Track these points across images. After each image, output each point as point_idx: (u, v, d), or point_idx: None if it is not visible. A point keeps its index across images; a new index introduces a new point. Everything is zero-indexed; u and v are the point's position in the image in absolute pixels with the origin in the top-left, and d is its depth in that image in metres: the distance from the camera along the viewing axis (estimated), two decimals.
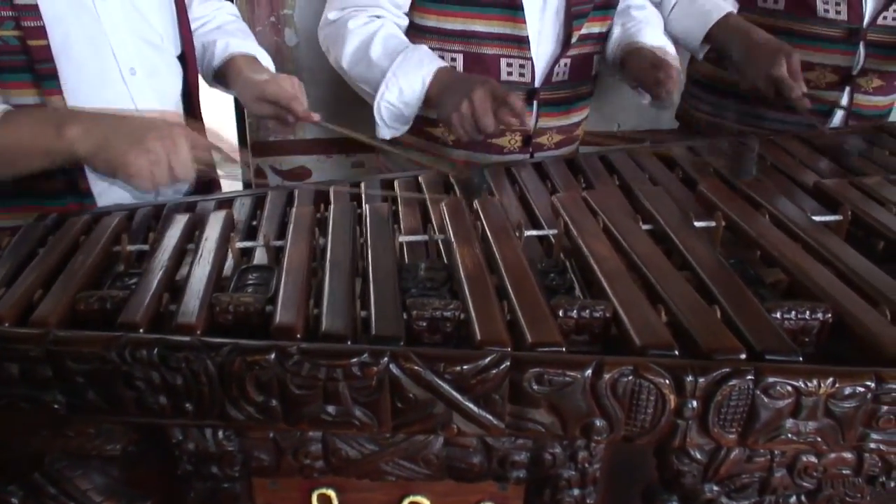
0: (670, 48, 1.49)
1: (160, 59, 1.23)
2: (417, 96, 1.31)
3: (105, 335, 0.69)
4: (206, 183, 1.23)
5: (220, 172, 1.18)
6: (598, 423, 0.65)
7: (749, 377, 0.62)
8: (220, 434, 0.74)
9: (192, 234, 0.90)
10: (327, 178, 2.03)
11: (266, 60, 1.36)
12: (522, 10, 1.35)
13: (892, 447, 0.67)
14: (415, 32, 1.42)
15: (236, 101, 2.10)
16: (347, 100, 1.94)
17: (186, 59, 1.28)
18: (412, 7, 1.41)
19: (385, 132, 1.39)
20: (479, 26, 1.37)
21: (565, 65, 1.44)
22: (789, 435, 0.65)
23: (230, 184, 1.50)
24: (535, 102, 1.44)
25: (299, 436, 0.73)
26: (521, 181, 1.11)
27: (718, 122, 1.69)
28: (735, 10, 1.55)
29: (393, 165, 1.58)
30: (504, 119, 1.20)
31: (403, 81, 1.30)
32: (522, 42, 1.38)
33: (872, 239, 0.88)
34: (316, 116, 1.20)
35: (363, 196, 1.04)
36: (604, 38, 1.51)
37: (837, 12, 1.52)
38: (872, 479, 0.74)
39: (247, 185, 1.57)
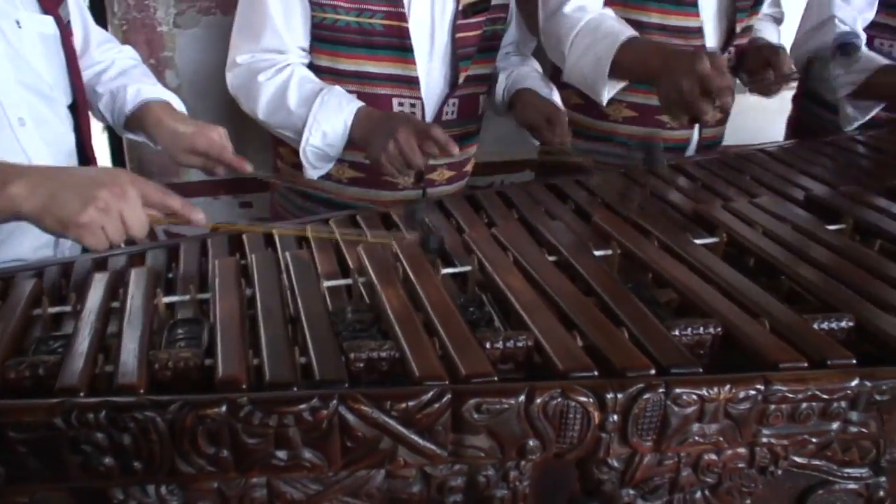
0: (556, 94, 1.58)
1: (50, 109, 1.21)
2: (341, 138, 1.37)
3: (48, 402, 0.69)
4: None
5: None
6: (532, 443, 0.72)
7: (661, 390, 0.70)
8: (164, 490, 0.75)
9: (116, 291, 0.91)
10: (216, 220, 2.03)
11: (178, 104, 1.36)
12: (412, 51, 1.43)
13: (780, 440, 0.76)
14: (312, 72, 1.46)
15: (112, 143, 2.08)
16: (233, 142, 1.95)
17: (79, 108, 1.27)
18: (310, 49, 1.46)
19: (312, 173, 1.45)
20: (371, 67, 1.43)
21: (454, 104, 1.53)
22: (696, 437, 0.74)
23: None
24: None
25: (244, 483, 0.76)
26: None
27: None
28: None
29: (292, 206, 1.61)
30: (430, 152, 1.26)
31: (326, 126, 1.36)
32: (413, 83, 1.45)
33: (745, 257, 1.00)
34: (248, 167, 1.22)
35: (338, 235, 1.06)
36: (488, 78, 1.60)
37: None
38: (763, 469, 0.84)
39: None
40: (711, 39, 1.65)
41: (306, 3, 1.39)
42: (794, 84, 1.96)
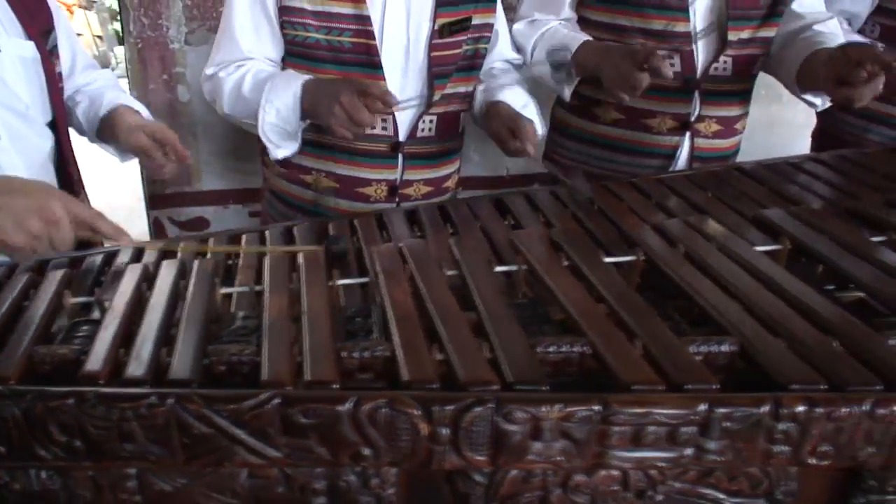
0: (531, 107, 1.59)
1: (27, 126, 1.30)
2: (293, 111, 1.40)
3: None
4: None
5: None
6: (366, 451, 0.73)
7: (490, 405, 0.70)
8: (44, 474, 0.79)
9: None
10: (226, 228, 2.11)
11: (145, 113, 1.46)
12: (381, 68, 1.46)
13: (636, 463, 0.75)
14: None
15: None
16: (241, 153, 2.04)
17: (58, 125, 1.35)
18: (283, 61, 1.51)
19: (276, 153, 1.49)
20: None
21: (430, 121, 1.54)
22: (535, 456, 0.73)
23: None
24: (400, 156, 1.53)
25: (116, 473, 0.79)
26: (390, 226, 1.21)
27: (577, 165, 1.80)
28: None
29: (276, 214, 1.67)
30: (376, 108, 1.30)
31: (278, 102, 1.40)
32: None
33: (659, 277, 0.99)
34: (190, 159, 1.30)
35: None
36: (470, 96, 1.62)
37: (672, 65, 1.65)
38: (641, 493, 0.82)
39: None
40: (704, 46, 1.66)
41: (274, 22, 1.44)
42: None
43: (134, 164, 2.19)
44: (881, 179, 1.37)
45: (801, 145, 2.17)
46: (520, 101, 1.54)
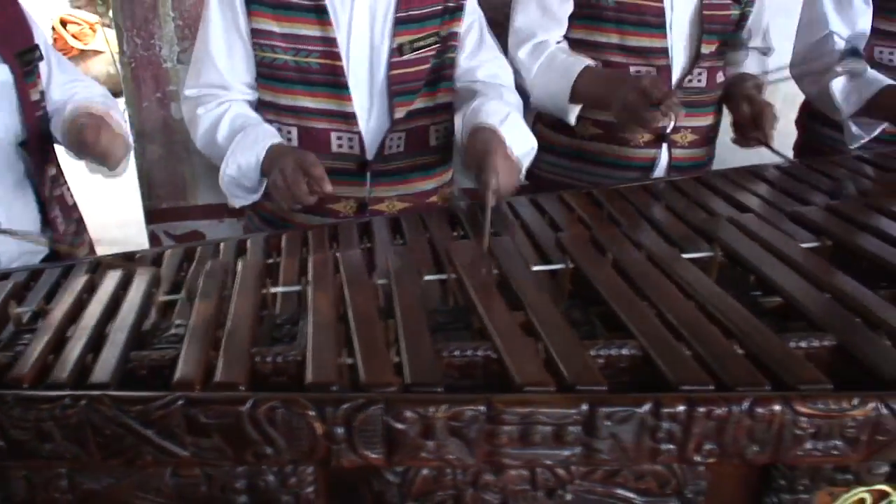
0: (512, 118, 1.52)
1: None
2: (254, 170, 1.44)
3: None
4: None
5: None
6: (267, 449, 0.77)
7: (380, 406, 0.74)
8: None
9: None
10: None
11: (114, 113, 1.49)
12: (347, 88, 1.50)
13: (527, 462, 0.78)
14: (258, 105, 1.57)
15: (138, 168, 2.26)
16: None
17: (31, 146, 1.41)
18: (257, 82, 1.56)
19: (234, 202, 1.53)
20: (309, 102, 1.51)
21: (399, 138, 1.57)
22: (428, 454, 0.77)
23: None
24: (367, 173, 1.57)
25: (48, 472, 0.84)
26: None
27: (559, 180, 1.83)
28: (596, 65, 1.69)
29: (255, 228, 1.72)
30: (313, 189, 1.33)
31: (241, 158, 1.44)
32: (349, 118, 1.51)
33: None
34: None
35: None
36: (440, 109, 1.63)
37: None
38: (551, 492, 0.85)
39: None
40: (679, 60, 1.70)
41: (248, 43, 1.49)
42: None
43: (134, 180, 2.28)
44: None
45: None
46: (497, 116, 1.43)
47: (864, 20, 1.79)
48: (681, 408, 0.75)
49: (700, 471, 0.84)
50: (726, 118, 1.84)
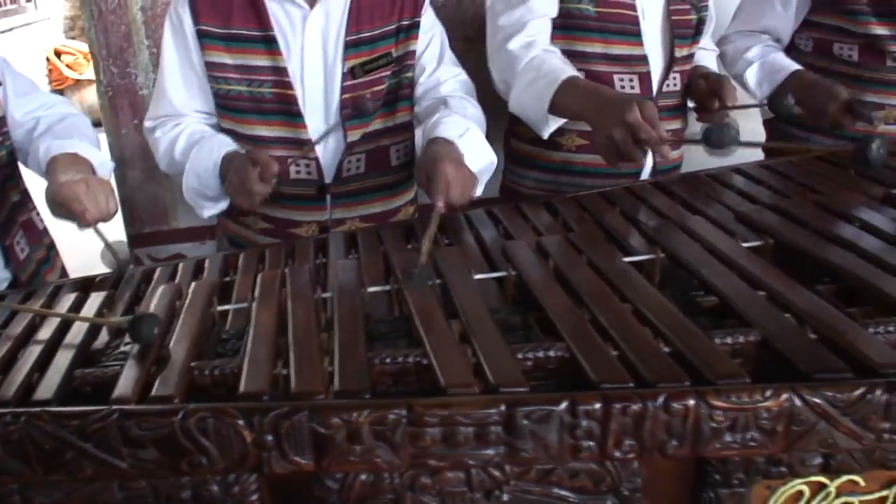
0: (471, 133, 1.51)
1: None
2: (213, 177, 1.46)
3: None
4: None
5: None
6: (201, 459, 0.80)
7: (304, 413, 0.77)
8: None
9: None
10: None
11: (88, 152, 1.45)
12: (301, 116, 1.52)
13: (452, 463, 0.81)
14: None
15: (120, 194, 2.30)
16: None
17: None
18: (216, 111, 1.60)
19: (202, 213, 1.56)
20: (266, 131, 1.54)
21: (358, 160, 1.59)
22: (356, 458, 0.79)
23: None
24: (327, 197, 1.59)
25: (3, 488, 0.87)
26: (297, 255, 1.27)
27: (540, 194, 1.84)
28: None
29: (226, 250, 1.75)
30: (264, 177, 1.35)
31: (199, 167, 1.47)
32: (305, 144, 1.54)
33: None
34: (98, 225, 1.31)
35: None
36: (400, 129, 1.65)
37: (632, 87, 1.72)
38: (488, 494, 0.88)
39: None
40: (656, 66, 1.73)
41: (202, 75, 1.53)
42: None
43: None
44: (797, 186, 1.42)
45: (752, 156, 2.19)
46: (456, 130, 1.42)
47: (783, 24, 1.93)
48: (597, 405, 0.77)
49: (635, 467, 0.86)
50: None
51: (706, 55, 1.94)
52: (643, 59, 1.71)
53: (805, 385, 0.78)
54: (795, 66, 1.83)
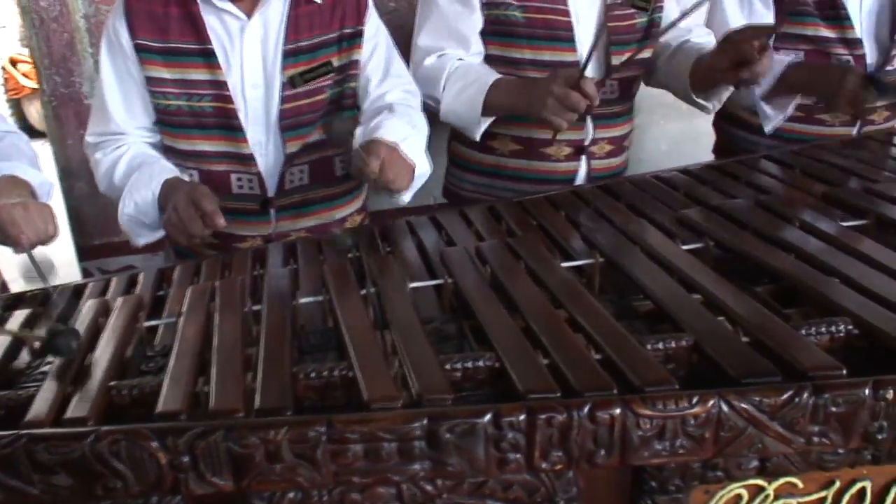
0: (412, 140, 1.50)
1: None
2: (151, 206, 1.43)
3: None
4: None
5: None
6: (116, 483, 0.77)
7: (220, 433, 0.75)
8: None
9: None
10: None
11: (29, 174, 1.40)
12: (242, 130, 1.50)
13: (376, 479, 0.79)
14: (164, 150, 1.57)
15: (67, 206, 2.26)
16: None
17: None
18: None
19: (136, 240, 1.52)
20: (206, 146, 1.52)
21: (301, 171, 1.57)
22: (277, 477, 0.77)
23: None
24: (271, 211, 1.57)
25: None
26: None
27: (482, 198, 1.83)
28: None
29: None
30: (208, 224, 1.32)
31: (137, 196, 1.44)
32: (246, 159, 1.52)
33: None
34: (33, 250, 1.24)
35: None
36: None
37: None
38: None
39: None
40: (591, 73, 1.69)
41: (143, 90, 1.49)
42: None
43: (63, 217, 2.28)
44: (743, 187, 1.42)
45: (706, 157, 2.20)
46: (398, 134, 1.42)
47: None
48: (521, 416, 0.76)
49: (569, 477, 0.85)
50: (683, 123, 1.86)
51: (703, 39, 1.80)
52: (576, 66, 1.67)
53: (732, 390, 0.77)
54: (791, 57, 1.79)
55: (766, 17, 1.81)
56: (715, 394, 0.77)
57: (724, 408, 0.77)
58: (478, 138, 1.66)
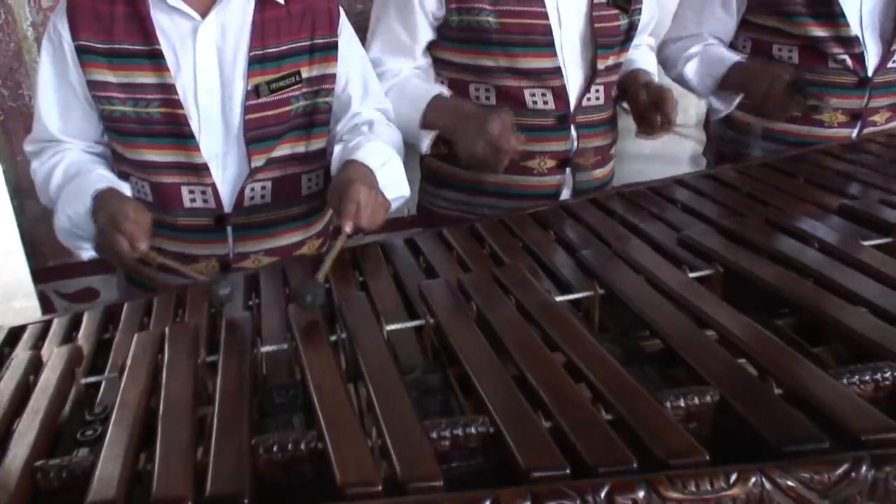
0: (391, 164, 1.39)
1: None
2: (85, 219, 1.29)
3: None
4: None
5: None
6: None
7: None
8: None
9: None
10: (116, 298, 2.02)
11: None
12: (193, 137, 1.36)
13: None
14: (114, 160, 1.44)
15: (20, 229, 2.10)
16: None
17: None
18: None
19: (81, 254, 1.38)
20: (155, 156, 1.38)
21: (263, 187, 1.43)
22: None
23: None
24: (228, 228, 1.43)
25: None
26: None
27: (461, 217, 1.70)
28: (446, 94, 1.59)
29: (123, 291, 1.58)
30: (137, 250, 1.20)
31: (70, 209, 1.30)
32: (200, 169, 1.38)
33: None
34: None
35: None
36: (314, 157, 1.48)
37: (545, 102, 1.59)
38: None
39: None
40: (574, 79, 1.61)
41: (83, 98, 1.36)
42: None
43: (16, 238, 2.13)
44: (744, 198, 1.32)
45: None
46: (378, 159, 1.32)
47: (724, 28, 1.84)
48: None
49: None
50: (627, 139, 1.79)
51: (644, 54, 1.82)
52: (557, 72, 1.57)
53: (775, 465, 0.65)
54: (737, 58, 1.75)
55: (726, 23, 1.83)
56: (756, 469, 0.65)
57: (768, 485, 0.64)
58: (425, 150, 1.60)
